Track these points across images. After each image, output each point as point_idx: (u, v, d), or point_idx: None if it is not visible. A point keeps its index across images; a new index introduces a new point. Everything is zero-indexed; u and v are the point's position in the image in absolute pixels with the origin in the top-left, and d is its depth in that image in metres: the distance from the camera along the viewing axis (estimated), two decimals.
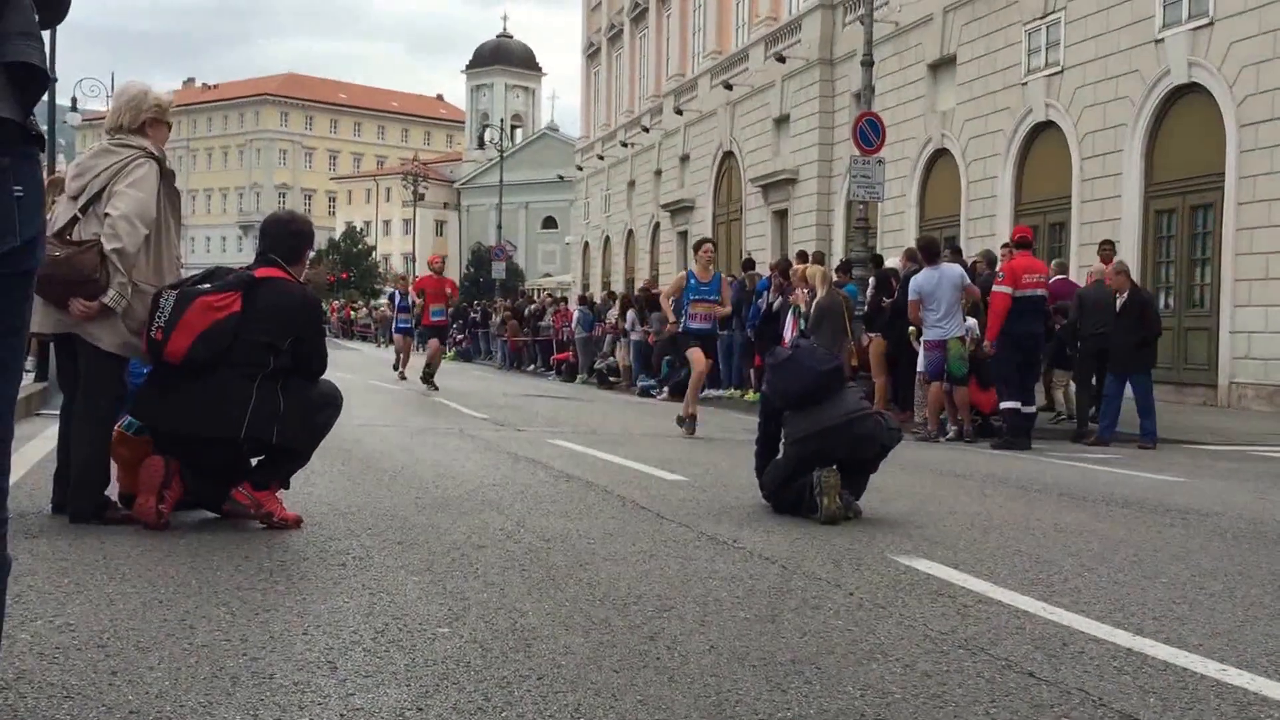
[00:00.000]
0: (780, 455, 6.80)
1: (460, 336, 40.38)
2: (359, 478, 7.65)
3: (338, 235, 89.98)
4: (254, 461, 5.65)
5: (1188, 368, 18.57)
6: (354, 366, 26.56)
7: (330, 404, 5.74)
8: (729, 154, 35.94)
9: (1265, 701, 3.32)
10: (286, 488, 5.76)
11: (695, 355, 12.38)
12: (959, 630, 4.05)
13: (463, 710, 3.03)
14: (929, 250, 12.98)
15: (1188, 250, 18.85)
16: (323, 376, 5.74)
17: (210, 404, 5.32)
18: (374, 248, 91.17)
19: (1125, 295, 12.61)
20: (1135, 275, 18.01)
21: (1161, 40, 18.94)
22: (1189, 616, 4.39)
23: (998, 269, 12.92)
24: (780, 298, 16.86)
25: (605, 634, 3.83)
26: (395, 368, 22.70)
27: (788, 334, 14.29)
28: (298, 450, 5.64)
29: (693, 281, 12.38)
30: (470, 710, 3.03)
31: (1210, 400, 17.82)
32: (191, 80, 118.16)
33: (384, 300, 72.15)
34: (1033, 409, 12.28)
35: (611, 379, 24.39)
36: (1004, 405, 12.12)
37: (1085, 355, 13.15)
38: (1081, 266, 18.33)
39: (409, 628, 3.82)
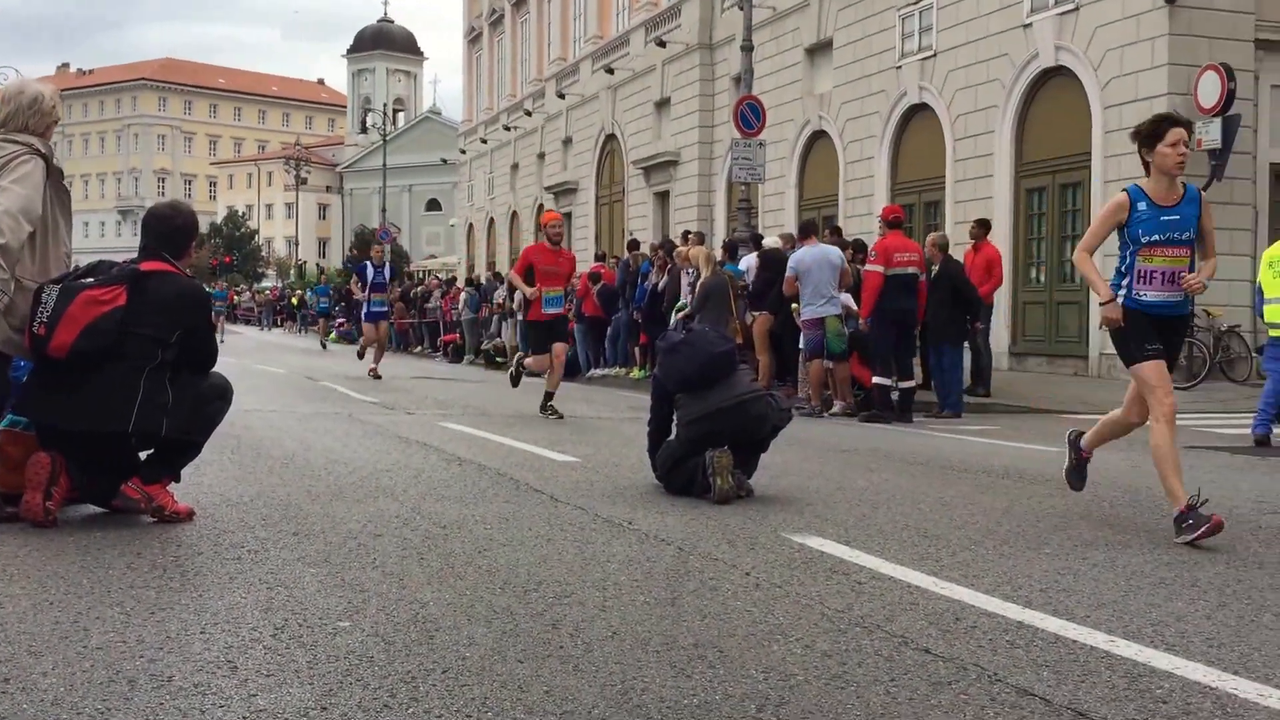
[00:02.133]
0: (673, 436, 6.85)
1: (341, 320, 39.83)
2: (250, 466, 7.50)
3: (219, 220, 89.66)
4: (143, 455, 5.51)
5: (1059, 340, 19.18)
6: (240, 351, 26.03)
7: (220, 396, 5.61)
8: (611, 137, 36.05)
9: (1154, 672, 3.45)
10: (177, 480, 5.62)
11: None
12: (855, 608, 4.14)
13: (368, 708, 2.99)
14: (805, 230, 13.22)
15: (1058, 227, 19.44)
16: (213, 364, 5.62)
17: (97, 398, 5.17)
18: (256, 232, 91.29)
19: (938, 268, 12.94)
20: (1006, 252, 18.58)
21: (1029, 25, 19.45)
22: (1074, 588, 4.54)
23: (871, 249, 13.11)
24: (665, 278, 16.94)
25: (508, 623, 3.83)
26: (362, 357, 20.09)
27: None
28: (188, 442, 5.51)
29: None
30: (375, 708, 2.99)
31: (1081, 371, 18.43)
32: (66, 65, 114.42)
33: (268, 284, 70.97)
34: (911, 383, 12.55)
35: (498, 359, 24.32)
36: (875, 380, 12.38)
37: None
38: (957, 244, 18.77)
39: (309, 622, 3.76)
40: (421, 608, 3.99)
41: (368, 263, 19.20)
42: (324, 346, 28.08)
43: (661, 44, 31.08)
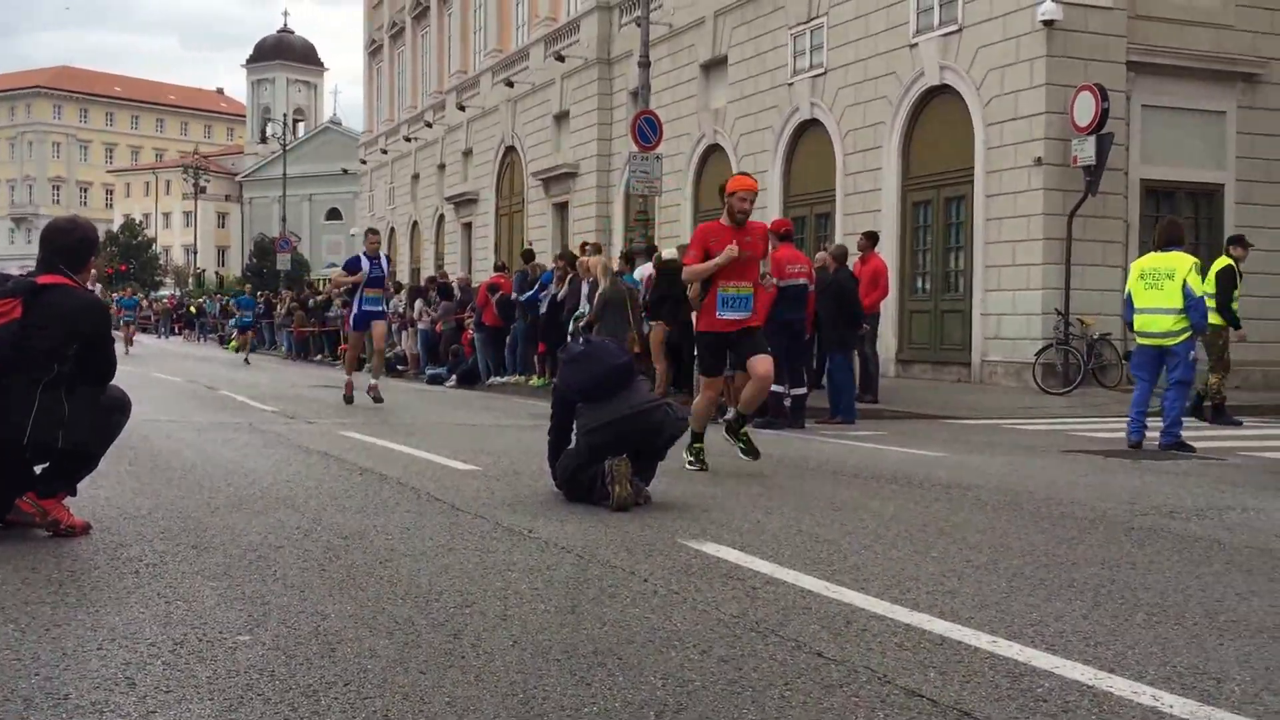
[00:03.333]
0: (572, 445, 6.93)
1: (237, 329, 39.15)
2: (147, 478, 7.39)
3: (116, 228, 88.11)
4: (39, 469, 5.41)
5: (944, 347, 19.69)
6: (140, 359, 25.41)
7: (118, 408, 5.54)
8: (511, 148, 36.08)
9: (1035, 671, 3.61)
10: (73, 494, 5.53)
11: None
12: (750, 613, 4.25)
13: None
14: None
15: (943, 239, 19.96)
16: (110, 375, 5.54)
17: None
18: (154, 240, 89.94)
19: (828, 278, 13.24)
20: (893, 264, 19.01)
21: (915, 45, 19.95)
22: (959, 590, 4.72)
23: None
24: (565, 288, 17.00)
25: (409, 634, 3.86)
26: (352, 371, 15.22)
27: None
28: (85, 455, 5.42)
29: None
30: None
31: (964, 378, 18.93)
32: None
33: (165, 293, 69.48)
34: (802, 390, 12.78)
35: (399, 367, 24.14)
36: (774, 389, 12.57)
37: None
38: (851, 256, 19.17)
39: (209, 637, 3.75)
40: (323, 620, 4.00)
41: (360, 255, 14.77)
42: (246, 361, 27.45)
43: (561, 58, 31.20)
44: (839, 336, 13.12)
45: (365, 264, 14.56)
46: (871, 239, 16.05)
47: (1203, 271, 11.35)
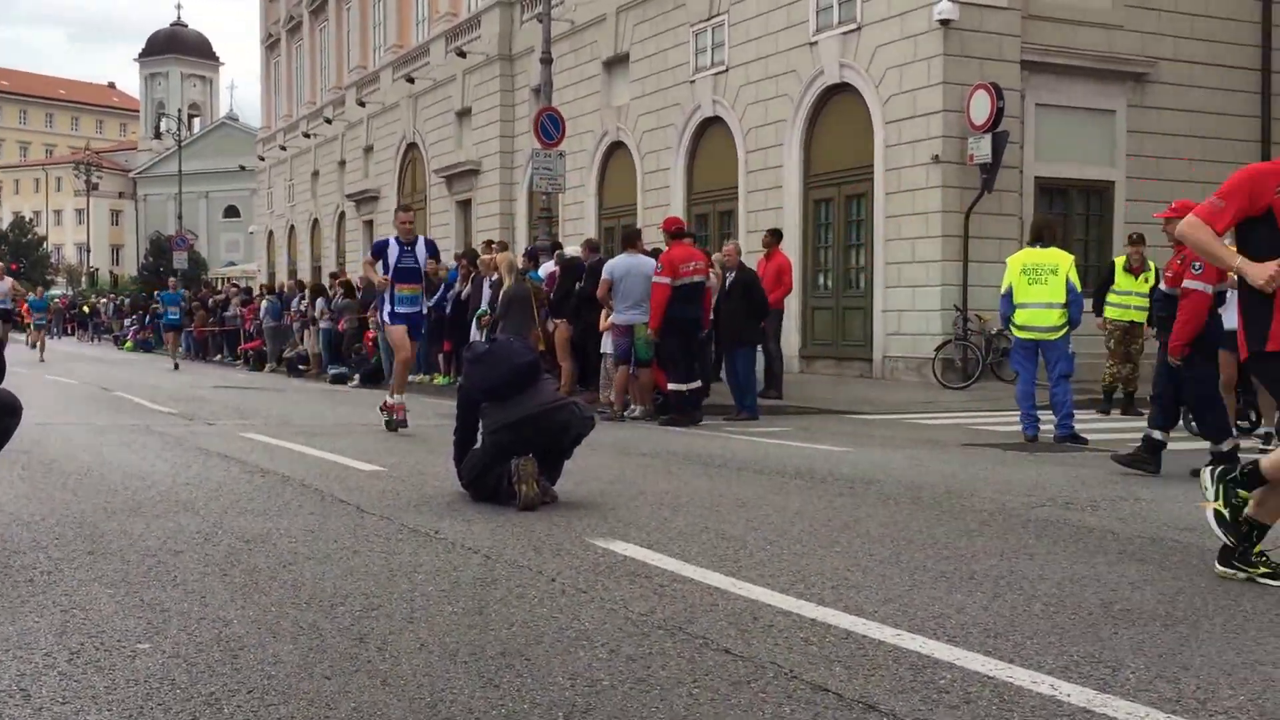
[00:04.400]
0: (478, 445, 6.88)
1: (135, 328, 38.22)
2: (41, 483, 7.18)
3: (5, 226, 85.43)
4: None
5: (845, 343, 19.96)
6: (32, 362, 24.62)
7: (8, 411, 5.37)
8: (413, 145, 35.74)
9: (937, 664, 3.67)
10: None
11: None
12: (657, 611, 4.26)
13: None
14: (628, 238, 13.47)
15: (844, 236, 20.22)
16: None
17: None
18: (45, 238, 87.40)
19: (734, 273, 13.40)
20: (796, 260, 19.22)
21: (815, 43, 20.18)
22: (864, 584, 4.78)
23: (657, 261, 13.28)
24: (468, 286, 16.89)
25: (314, 639, 3.80)
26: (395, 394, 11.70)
27: None
28: None
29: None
30: None
31: (866, 373, 19.22)
32: None
33: (57, 292, 67.39)
34: (696, 384, 12.88)
35: (301, 367, 23.77)
36: (671, 386, 12.66)
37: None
38: (750, 252, 19.31)
39: (106, 646, 3.66)
40: (224, 626, 3.92)
41: (390, 239, 11.45)
42: (176, 366, 25.59)
43: (462, 54, 30.97)
44: (743, 332, 13.23)
45: (394, 250, 11.22)
46: (775, 236, 16.19)
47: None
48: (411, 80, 34.40)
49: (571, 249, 17.20)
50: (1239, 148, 19.62)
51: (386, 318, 11.42)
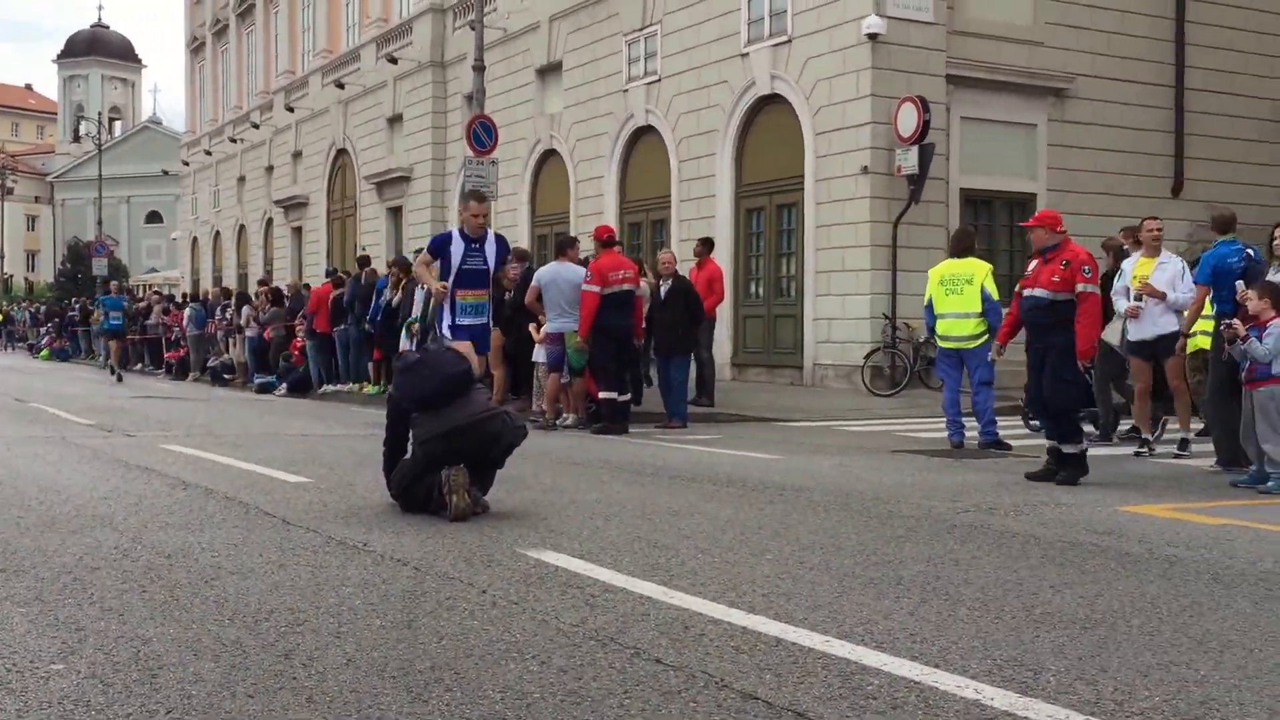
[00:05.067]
0: (409, 455, 6.83)
1: (50, 336, 37.39)
2: None
3: None
4: None
5: (776, 351, 20.10)
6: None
7: None
8: (343, 151, 35.41)
9: (865, 669, 3.71)
10: None
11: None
12: (589, 621, 4.26)
13: None
14: (561, 245, 13.48)
15: (775, 245, 20.37)
16: None
17: None
18: None
19: (670, 282, 13.46)
20: (728, 269, 19.32)
21: (747, 54, 20.32)
22: (793, 591, 4.82)
23: (587, 270, 13.27)
24: (399, 294, 16.76)
25: (237, 656, 3.75)
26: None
27: None
28: None
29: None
30: None
31: (797, 380, 19.35)
32: None
33: None
34: (628, 395, 12.91)
35: (226, 376, 23.41)
36: (602, 395, 12.67)
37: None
38: (682, 261, 19.39)
39: (19, 667, 3.57)
40: (143, 645, 3.85)
41: (454, 232, 9.33)
42: (119, 378, 23.91)
43: (393, 60, 30.77)
44: (679, 341, 13.29)
45: (458, 248, 9.07)
46: (707, 245, 16.27)
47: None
48: (341, 86, 34.11)
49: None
50: (1154, 162, 20.11)
51: (447, 331, 9.12)
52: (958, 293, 10.83)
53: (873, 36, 17.73)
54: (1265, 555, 5.79)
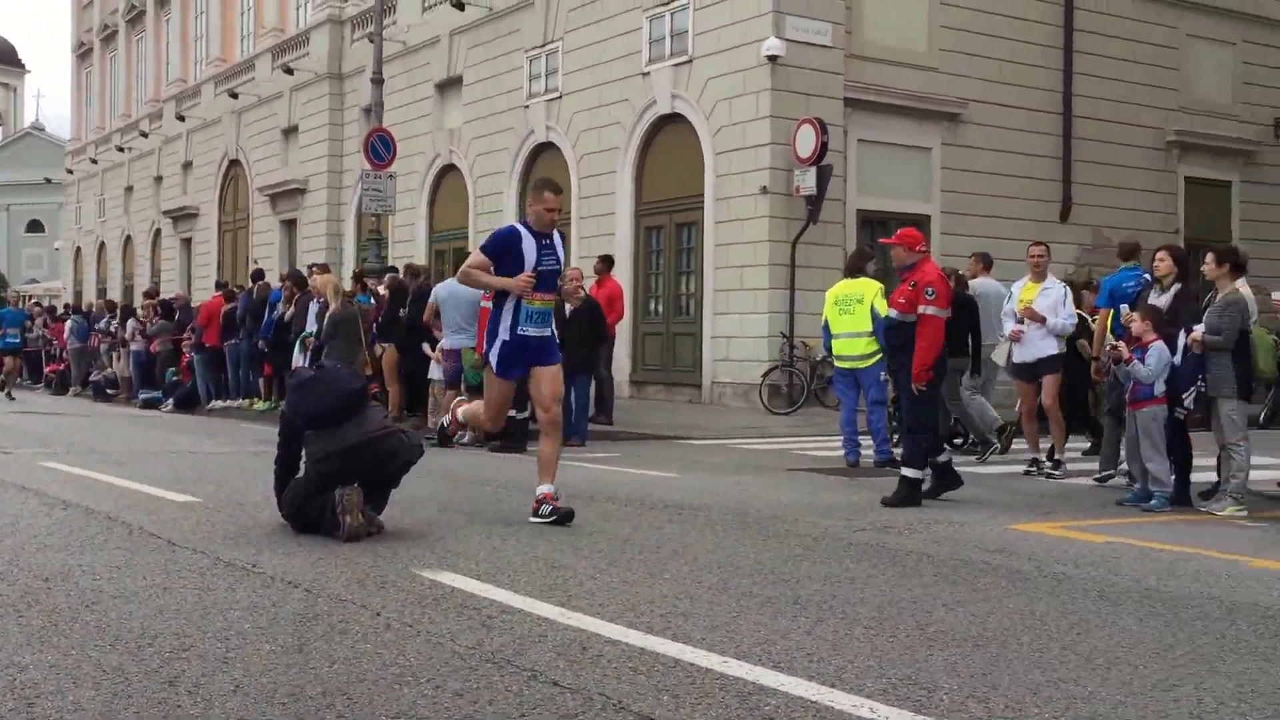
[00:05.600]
0: (301, 474, 6.69)
1: None
2: None
3: None
4: None
5: (675, 369, 20.17)
6: None
7: None
8: (235, 162, 34.73)
9: (763, 690, 3.71)
10: None
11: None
12: (485, 643, 4.20)
13: None
14: (459, 262, 13.34)
15: (675, 263, 20.47)
16: None
17: None
18: None
19: (579, 302, 13.45)
20: (628, 287, 19.35)
21: (648, 73, 20.43)
22: (691, 611, 4.81)
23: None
24: (292, 309, 16.47)
25: (119, 683, 3.62)
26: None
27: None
28: None
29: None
30: None
31: (695, 398, 19.44)
32: None
33: None
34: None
35: (110, 391, 22.72)
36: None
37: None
38: (586, 278, 19.39)
39: None
40: (20, 672, 3.70)
41: (519, 228, 7.53)
42: (10, 396, 22.44)
43: (289, 71, 30.30)
44: (583, 359, 13.26)
45: (530, 245, 7.30)
46: (607, 262, 16.29)
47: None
48: (235, 95, 33.49)
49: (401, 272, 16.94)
50: (1043, 186, 20.66)
51: (493, 359, 7.32)
52: (850, 313, 10.97)
53: (772, 59, 17.94)
54: (1149, 573, 5.95)
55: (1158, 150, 21.79)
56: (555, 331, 7.56)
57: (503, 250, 7.33)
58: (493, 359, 7.29)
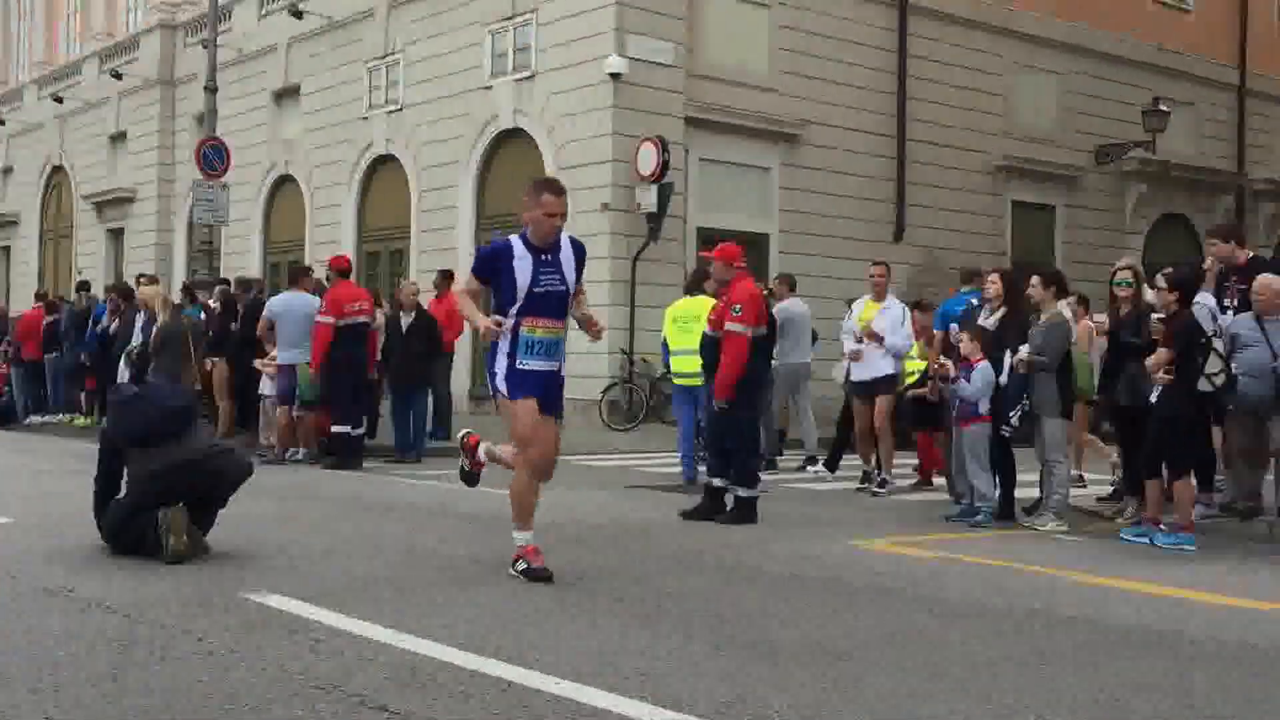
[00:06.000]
0: (123, 494, 6.42)
1: None
2: None
3: None
4: None
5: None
6: None
7: None
8: (59, 168, 33.26)
9: (597, 713, 3.70)
10: None
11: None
12: (313, 668, 4.08)
13: None
14: (294, 275, 13.10)
15: None
16: None
17: None
18: None
19: (414, 315, 13.31)
20: None
21: (491, 88, 20.35)
22: (524, 632, 4.76)
23: (322, 300, 12.92)
24: (118, 321, 15.83)
25: None
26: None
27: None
28: None
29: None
30: None
31: None
32: None
33: None
34: (362, 429, 12.62)
35: None
36: (334, 429, 12.35)
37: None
38: (425, 292, 19.15)
39: None
40: None
41: (513, 242, 6.35)
42: None
43: (118, 76, 29.19)
44: (419, 375, 13.07)
45: (524, 263, 6.20)
46: (447, 277, 16.13)
47: None
48: (60, 100, 32.12)
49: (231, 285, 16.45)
50: (878, 207, 21.24)
51: (502, 385, 6.16)
52: (689, 330, 10.96)
53: (615, 76, 18.05)
54: (975, 587, 6.14)
55: (986, 174, 22.63)
56: (561, 368, 6.35)
57: (490, 269, 6.24)
58: (502, 386, 6.12)
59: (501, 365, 6.14)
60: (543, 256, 6.19)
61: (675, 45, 18.76)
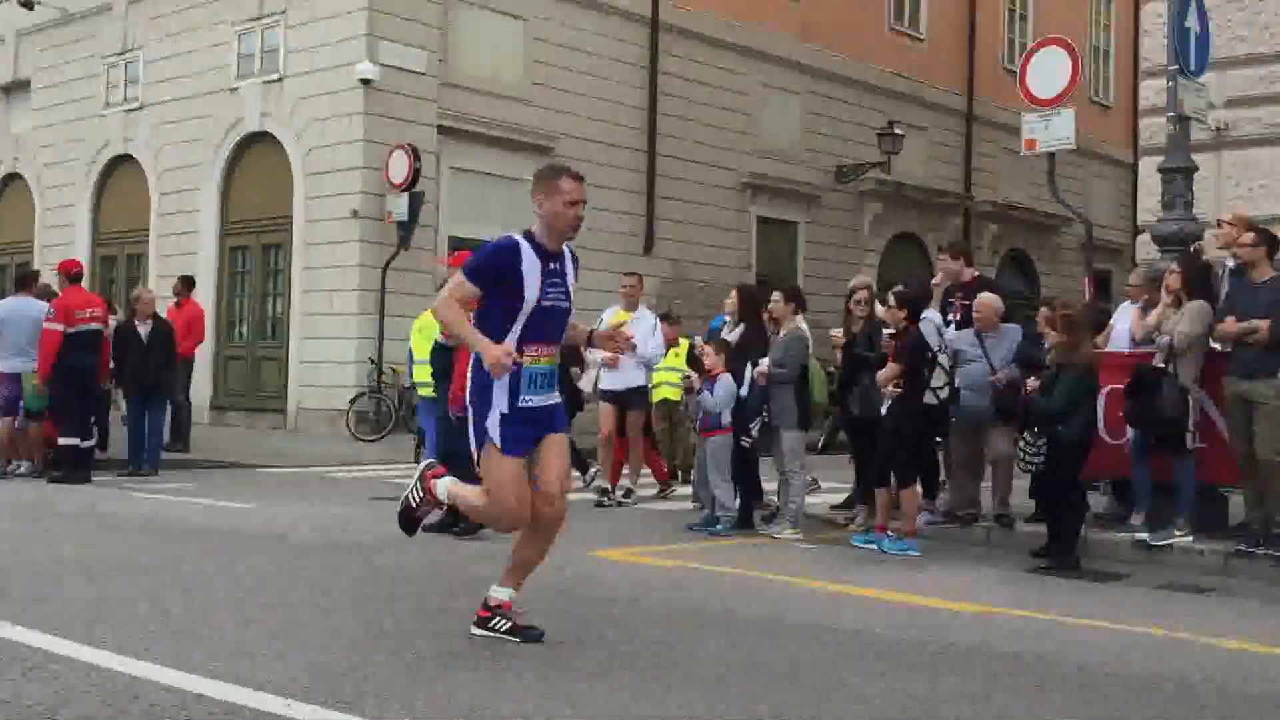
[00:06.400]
0: None
1: None
2: None
3: None
4: None
5: (260, 394, 19.44)
6: None
7: None
8: None
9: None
10: None
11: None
12: (22, 697, 3.88)
13: None
14: (22, 280, 12.52)
15: (261, 285, 19.75)
16: None
17: None
18: None
19: (150, 322, 12.78)
20: (210, 309, 18.51)
21: (237, 89, 19.66)
22: (256, 650, 4.64)
23: (49, 307, 12.26)
24: None
25: None
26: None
27: None
28: None
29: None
30: None
31: (281, 425, 18.81)
32: None
33: None
34: (91, 442, 12.00)
35: None
36: (62, 440, 11.72)
37: None
38: (161, 297, 18.34)
39: None
40: None
41: (521, 242, 5.05)
42: None
43: None
44: (157, 384, 12.52)
45: (533, 269, 4.99)
46: (188, 283, 15.53)
47: None
48: None
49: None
50: (628, 220, 21.62)
51: (494, 432, 4.95)
52: (431, 340, 10.94)
53: (366, 82, 17.76)
54: (714, 595, 6.36)
55: (733, 190, 23.35)
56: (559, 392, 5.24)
57: (496, 276, 4.95)
58: (493, 432, 4.93)
59: (501, 403, 4.89)
60: (550, 265, 5.02)
61: (428, 53, 18.61)
